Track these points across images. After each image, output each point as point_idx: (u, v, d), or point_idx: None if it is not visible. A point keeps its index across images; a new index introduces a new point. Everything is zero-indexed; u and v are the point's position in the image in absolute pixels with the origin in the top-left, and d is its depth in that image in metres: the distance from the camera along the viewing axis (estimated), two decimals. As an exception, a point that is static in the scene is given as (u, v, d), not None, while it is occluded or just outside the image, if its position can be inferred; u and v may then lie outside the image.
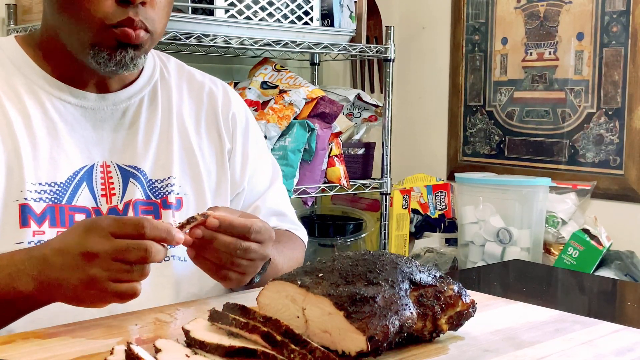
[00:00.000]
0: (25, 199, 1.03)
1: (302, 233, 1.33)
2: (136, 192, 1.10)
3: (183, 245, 0.94)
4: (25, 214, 1.02)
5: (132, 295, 0.87)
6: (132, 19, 1.01)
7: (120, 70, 1.05)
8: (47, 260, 0.89)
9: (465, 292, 0.89)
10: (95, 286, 0.86)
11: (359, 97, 2.46)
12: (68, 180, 1.06)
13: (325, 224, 2.56)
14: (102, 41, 1.02)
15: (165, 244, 0.88)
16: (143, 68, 1.17)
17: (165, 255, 0.89)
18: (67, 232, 0.91)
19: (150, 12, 1.03)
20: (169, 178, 1.14)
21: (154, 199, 1.12)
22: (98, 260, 0.86)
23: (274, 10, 2.10)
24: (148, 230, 0.86)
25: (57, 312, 1.01)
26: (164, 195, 1.13)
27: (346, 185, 2.28)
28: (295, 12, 2.15)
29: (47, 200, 1.04)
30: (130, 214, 1.09)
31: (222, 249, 0.95)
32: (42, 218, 1.03)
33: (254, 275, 1.02)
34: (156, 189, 1.13)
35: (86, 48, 1.03)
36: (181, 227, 0.92)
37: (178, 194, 1.14)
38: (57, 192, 1.05)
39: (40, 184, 1.04)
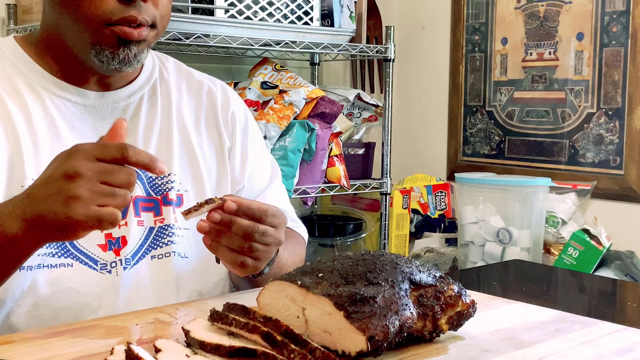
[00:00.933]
0: None
1: (302, 231, 1.34)
2: (136, 189, 1.11)
3: (200, 232, 0.94)
4: None
5: (112, 222, 0.84)
6: (134, 16, 1.01)
7: (124, 67, 1.05)
8: (31, 195, 0.87)
9: (465, 292, 0.89)
10: (78, 208, 0.84)
11: (359, 97, 2.46)
12: None
13: (325, 224, 2.56)
14: (103, 40, 1.02)
15: None
16: (142, 67, 1.18)
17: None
18: (49, 163, 0.90)
19: (152, 8, 1.03)
20: (169, 175, 1.14)
21: (154, 195, 1.12)
22: (82, 181, 0.84)
23: (274, 10, 2.10)
24: (131, 154, 0.85)
25: (57, 312, 1.01)
26: (165, 192, 1.13)
27: (346, 185, 2.28)
28: (295, 12, 2.15)
29: None
30: (131, 210, 1.09)
31: (239, 232, 0.94)
32: None
33: (268, 261, 1.01)
34: (156, 185, 1.13)
35: (88, 47, 1.03)
36: (195, 209, 0.92)
37: (178, 190, 1.15)
38: None
39: None
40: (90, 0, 1.00)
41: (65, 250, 1.04)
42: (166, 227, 1.11)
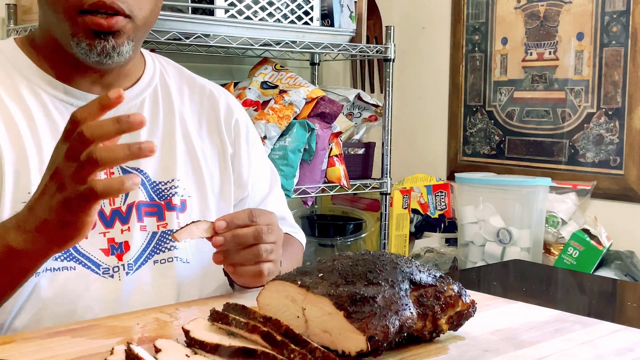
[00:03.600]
0: None
1: (300, 236, 1.35)
2: (139, 194, 1.10)
3: (216, 247, 0.97)
4: None
5: (90, 192, 0.81)
6: (103, 1, 0.99)
7: (105, 59, 1.04)
8: (31, 207, 0.88)
9: (465, 292, 0.89)
10: (69, 198, 0.83)
11: (359, 97, 2.46)
12: None
13: (325, 224, 2.56)
14: (78, 30, 1.02)
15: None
16: (144, 71, 1.17)
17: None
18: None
19: None
20: (172, 180, 1.14)
21: (157, 200, 1.12)
22: (60, 172, 0.83)
23: (274, 10, 2.10)
24: (78, 114, 0.82)
25: (59, 316, 1.01)
26: (168, 197, 1.13)
27: (346, 185, 2.28)
28: (295, 12, 2.15)
29: None
30: (134, 215, 1.09)
31: (249, 240, 0.97)
32: None
33: (280, 259, 1.03)
34: (160, 190, 1.13)
35: (69, 38, 1.03)
36: (183, 228, 0.93)
37: (182, 196, 1.14)
38: None
39: None
40: None
41: (68, 253, 1.04)
42: (169, 232, 1.11)
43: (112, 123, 0.80)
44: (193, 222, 0.96)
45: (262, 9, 2.08)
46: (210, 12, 1.99)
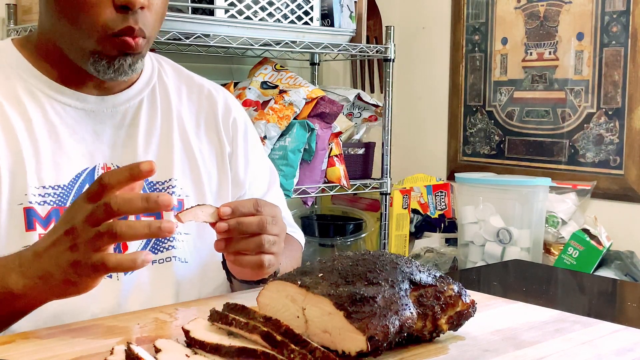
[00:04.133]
0: (30, 202, 1.03)
1: (299, 235, 1.35)
2: None
3: (219, 233, 0.96)
4: (30, 218, 1.02)
5: (102, 265, 0.83)
6: (132, 27, 1.01)
7: (119, 77, 1.05)
8: (37, 253, 0.88)
9: (465, 292, 0.89)
10: (79, 262, 0.84)
11: (359, 97, 2.46)
12: (71, 183, 1.06)
13: (325, 224, 2.56)
14: (104, 50, 1.02)
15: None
16: (142, 71, 1.17)
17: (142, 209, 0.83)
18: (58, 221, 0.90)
19: (149, 17, 1.03)
20: (170, 180, 1.14)
21: None
22: (76, 233, 0.84)
23: (274, 10, 2.10)
24: (106, 179, 0.83)
25: (57, 312, 1.01)
26: None
27: (346, 185, 2.28)
28: (295, 12, 2.15)
29: (52, 203, 1.04)
30: (131, 216, 1.09)
31: (253, 228, 0.96)
32: (47, 221, 1.03)
33: (281, 253, 1.02)
34: (157, 190, 1.13)
35: (86, 56, 1.03)
36: (188, 210, 0.93)
37: (179, 195, 1.14)
38: (61, 194, 1.05)
39: (43, 187, 1.04)
40: (89, 10, 1.00)
41: None
42: (175, 214, 1.11)
43: (140, 201, 0.82)
44: (198, 205, 0.95)
45: (262, 9, 2.08)
46: (210, 12, 1.99)
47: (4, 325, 0.94)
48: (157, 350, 0.76)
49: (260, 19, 2.07)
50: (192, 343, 0.79)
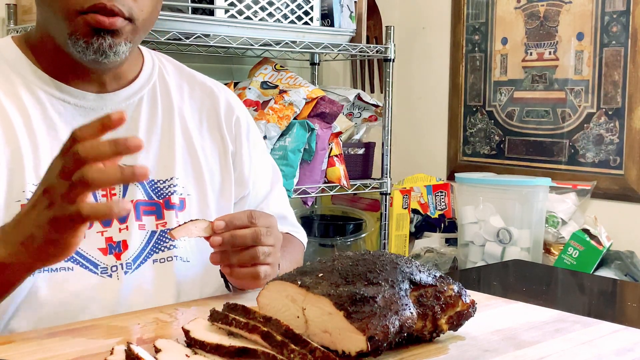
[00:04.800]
0: (28, 199, 1.02)
1: (301, 235, 1.34)
2: (137, 193, 1.10)
3: (214, 247, 0.97)
4: None
5: (77, 214, 0.81)
6: (103, 3, 0.99)
7: (100, 58, 1.03)
8: (19, 221, 0.87)
9: (465, 292, 0.89)
10: (57, 217, 0.83)
11: (359, 97, 2.46)
12: None
13: (325, 224, 2.56)
14: (76, 29, 1.01)
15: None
16: (142, 68, 1.17)
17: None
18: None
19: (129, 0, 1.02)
20: (171, 179, 1.14)
21: (156, 199, 1.11)
22: (52, 189, 0.83)
23: (274, 10, 2.10)
24: (78, 132, 0.82)
25: (57, 312, 1.01)
26: (167, 196, 1.12)
27: (346, 185, 2.28)
28: (295, 12, 2.15)
29: None
30: (132, 214, 1.09)
31: (247, 241, 0.97)
32: None
33: (278, 262, 1.03)
34: (159, 189, 1.12)
35: (65, 37, 1.03)
36: (181, 225, 0.93)
37: (181, 194, 1.14)
38: None
39: None
40: None
41: None
42: (168, 231, 1.11)
43: (108, 144, 0.80)
44: (191, 220, 0.95)
45: (262, 9, 2.08)
46: (210, 12, 1.99)
47: None
48: (157, 350, 0.76)
49: (260, 19, 2.07)
50: (192, 343, 0.79)
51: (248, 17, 2.05)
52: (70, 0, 1.00)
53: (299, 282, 0.82)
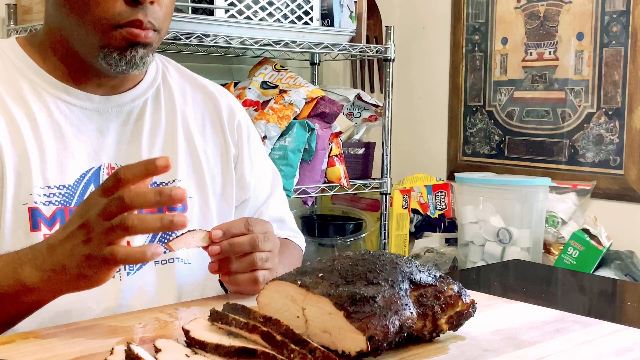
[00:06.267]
0: (35, 202, 1.03)
1: (300, 240, 1.34)
2: None
3: (212, 256, 0.98)
4: (35, 218, 1.02)
5: (111, 258, 0.84)
6: (141, 20, 1.01)
7: (130, 69, 1.04)
8: (50, 246, 0.88)
9: (465, 292, 0.89)
10: (92, 255, 0.85)
11: (359, 97, 2.46)
12: (76, 183, 1.06)
13: (325, 224, 2.56)
14: (112, 42, 1.02)
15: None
16: (146, 71, 1.17)
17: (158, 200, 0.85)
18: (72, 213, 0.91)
19: (158, 10, 1.03)
20: (174, 181, 1.14)
21: None
22: (90, 226, 0.85)
23: (274, 10, 2.10)
24: (122, 173, 0.84)
25: (58, 312, 1.01)
26: None
27: (346, 185, 2.28)
28: (295, 12, 2.15)
29: (57, 203, 1.04)
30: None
31: (245, 248, 0.98)
32: (52, 221, 1.03)
33: (275, 269, 1.04)
34: None
35: (96, 50, 1.03)
36: (178, 237, 0.94)
37: None
38: (66, 194, 1.05)
39: (49, 187, 1.04)
40: (98, 4, 1.00)
41: None
42: (170, 233, 1.11)
43: (153, 195, 0.84)
44: (189, 231, 0.95)
45: (262, 9, 2.08)
46: (210, 12, 1.99)
47: (18, 319, 0.94)
48: (157, 350, 0.76)
49: (260, 19, 2.07)
50: (192, 343, 0.79)
51: (248, 17, 2.04)
52: (106, 15, 1.00)
53: (299, 282, 0.82)
